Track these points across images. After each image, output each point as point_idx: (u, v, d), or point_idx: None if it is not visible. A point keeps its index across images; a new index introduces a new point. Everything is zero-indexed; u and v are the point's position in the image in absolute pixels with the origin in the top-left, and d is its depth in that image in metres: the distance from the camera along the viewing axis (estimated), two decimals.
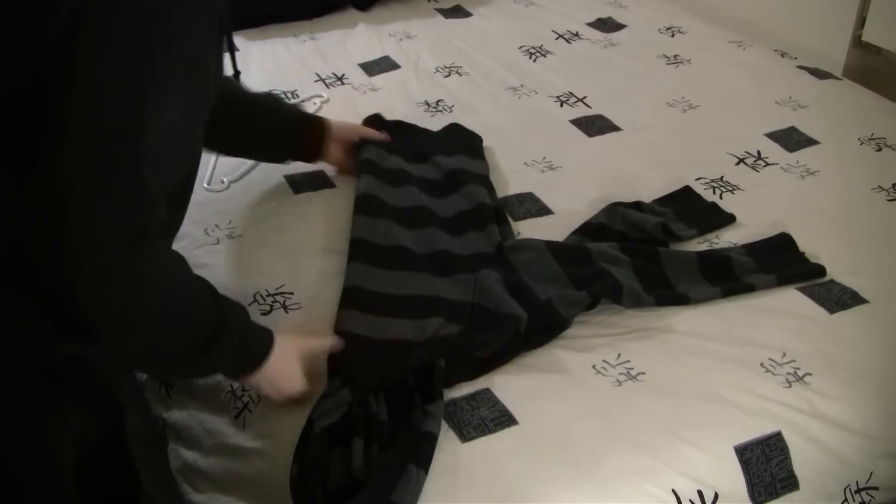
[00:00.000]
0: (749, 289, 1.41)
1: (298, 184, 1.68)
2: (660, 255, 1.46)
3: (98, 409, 1.18)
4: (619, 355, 1.30)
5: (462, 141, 1.79)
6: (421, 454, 1.10)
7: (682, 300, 1.39)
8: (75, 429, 1.11)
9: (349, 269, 1.41)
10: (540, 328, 1.31)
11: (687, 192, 1.66)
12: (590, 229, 1.54)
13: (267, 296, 1.41)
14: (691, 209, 1.61)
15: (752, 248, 1.51)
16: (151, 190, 0.91)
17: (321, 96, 2.01)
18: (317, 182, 1.69)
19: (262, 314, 1.37)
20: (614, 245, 1.47)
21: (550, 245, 1.47)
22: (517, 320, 1.29)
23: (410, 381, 1.21)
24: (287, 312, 1.38)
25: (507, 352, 1.28)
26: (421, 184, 1.64)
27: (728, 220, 1.58)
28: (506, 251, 1.47)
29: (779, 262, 1.47)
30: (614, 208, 1.57)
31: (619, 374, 1.27)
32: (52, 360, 1.04)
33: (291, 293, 1.41)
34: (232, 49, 1.14)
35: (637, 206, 1.59)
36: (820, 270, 1.45)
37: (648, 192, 1.65)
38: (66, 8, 0.85)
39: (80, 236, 0.87)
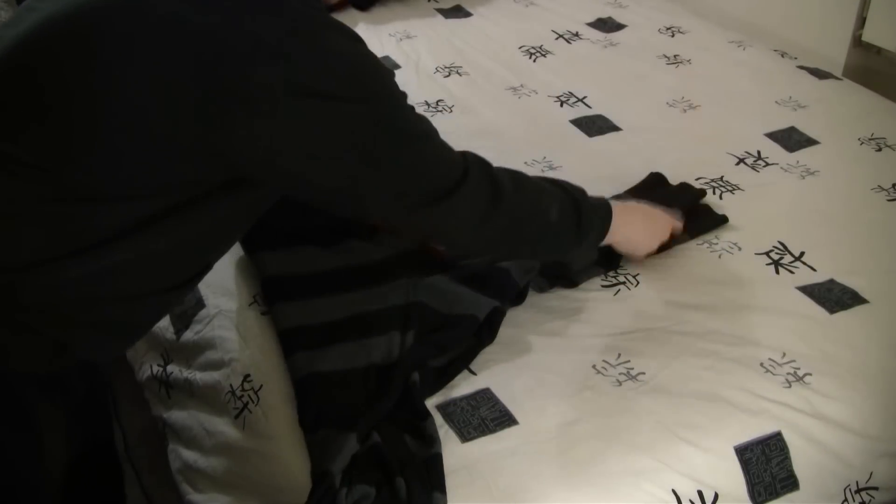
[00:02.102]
0: None
1: None
2: None
3: (90, 413, 1.18)
4: (619, 355, 1.30)
5: None
6: (439, 478, 1.10)
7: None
8: (68, 431, 1.11)
9: (275, 311, 1.34)
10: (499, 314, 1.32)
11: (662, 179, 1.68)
12: None
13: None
14: (668, 194, 1.61)
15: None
16: None
17: None
18: None
19: (263, 314, 1.37)
20: None
21: None
22: (473, 320, 1.28)
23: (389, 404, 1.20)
24: None
25: (465, 356, 1.27)
26: None
27: (721, 220, 1.58)
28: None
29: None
30: None
31: (619, 374, 1.27)
32: (53, 369, 1.05)
33: None
34: None
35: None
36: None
37: None
38: None
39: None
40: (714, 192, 1.66)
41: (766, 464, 1.18)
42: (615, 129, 1.89)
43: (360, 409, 1.18)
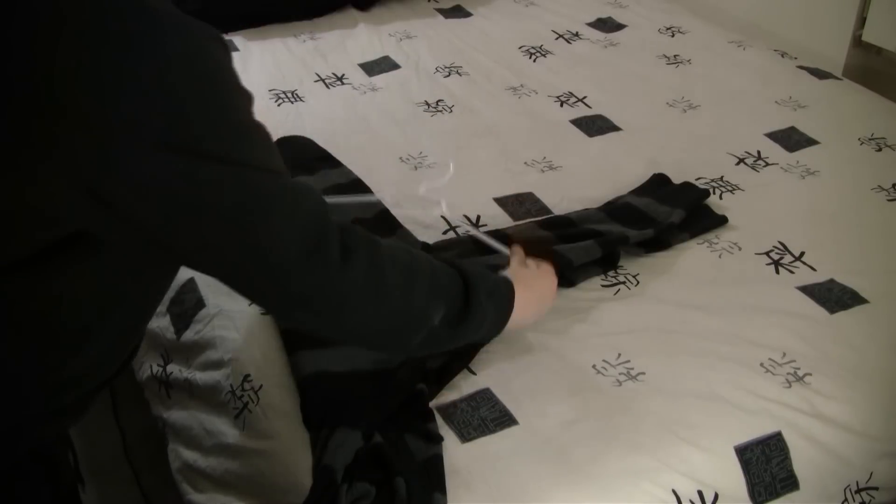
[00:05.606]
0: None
1: None
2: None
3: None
4: (619, 355, 1.30)
5: (313, 150, 1.75)
6: (439, 478, 1.10)
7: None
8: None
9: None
10: None
11: (662, 178, 1.68)
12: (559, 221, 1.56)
13: None
14: (670, 193, 1.62)
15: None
16: None
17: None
18: None
19: (263, 314, 1.37)
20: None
21: (473, 238, 1.49)
22: None
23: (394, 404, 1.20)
24: None
25: (464, 356, 1.26)
26: None
27: (721, 220, 1.58)
28: (433, 249, 1.47)
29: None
30: (597, 213, 1.58)
31: (619, 374, 1.27)
32: (30, 448, 0.98)
33: None
34: None
35: (612, 203, 1.61)
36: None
37: None
38: None
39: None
40: (714, 192, 1.66)
41: (766, 464, 1.18)
42: (615, 129, 1.89)
43: (366, 407, 1.18)
